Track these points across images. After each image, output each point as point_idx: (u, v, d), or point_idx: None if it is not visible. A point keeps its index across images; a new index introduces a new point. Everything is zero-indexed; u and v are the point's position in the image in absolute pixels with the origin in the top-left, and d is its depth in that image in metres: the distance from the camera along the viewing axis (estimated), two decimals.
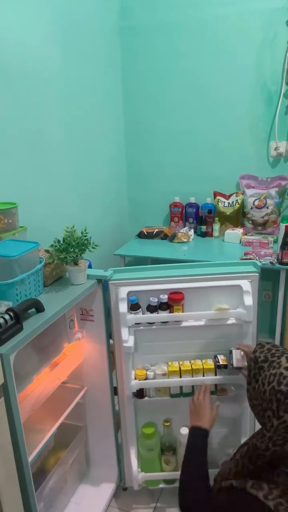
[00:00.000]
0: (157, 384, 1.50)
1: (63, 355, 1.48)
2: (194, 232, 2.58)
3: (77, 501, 1.65)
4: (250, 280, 1.42)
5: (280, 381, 0.81)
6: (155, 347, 1.54)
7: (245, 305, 1.40)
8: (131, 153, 2.76)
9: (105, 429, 1.66)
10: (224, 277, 1.42)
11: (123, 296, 1.41)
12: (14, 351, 1.00)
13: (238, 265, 1.51)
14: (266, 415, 0.83)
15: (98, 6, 2.25)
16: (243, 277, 1.43)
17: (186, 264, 1.53)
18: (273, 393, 0.81)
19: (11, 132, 1.59)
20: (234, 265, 1.50)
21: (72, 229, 1.36)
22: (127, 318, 1.43)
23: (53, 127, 1.89)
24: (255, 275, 1.43)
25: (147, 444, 1.63)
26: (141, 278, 1.45)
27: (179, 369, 1.48)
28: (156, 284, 1.44)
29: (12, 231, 1.39)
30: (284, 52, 2.23)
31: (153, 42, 2.49)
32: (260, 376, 0.86)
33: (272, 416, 0.81)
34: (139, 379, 1.49)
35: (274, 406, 0.81)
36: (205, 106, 2.49)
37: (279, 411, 0.80)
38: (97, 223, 2.43)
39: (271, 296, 2.67)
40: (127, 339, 1.41)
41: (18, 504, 1.10)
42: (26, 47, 1.64)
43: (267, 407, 0.83)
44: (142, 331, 1.49)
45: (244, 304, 1.40)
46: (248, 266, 1.49)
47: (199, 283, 1.42)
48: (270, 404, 0.82)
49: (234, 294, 1.45)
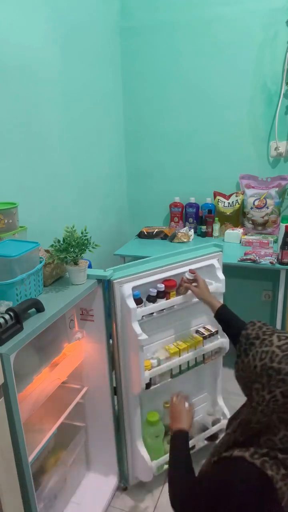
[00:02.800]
0: (164, 368, 1.58)
1: (63, 355, 1.48)
2: (194, 232, 2.58)
3: (77, 501, 1.65)
4: (217, 259, 1.73)
5: (273, 359, 0.87)
6: (153, 336, 1.64)
7: (220, 279, 1.67)
8: (131, 153, 2.76)
9: (105, 429, 1.66)
10: (200, 259, 1.67)
11: (129, 292, 1.45)
12: (14, 351, 1.00)
13: (204, 249, 1.77)
14: (254, 387, 0.89)
15: (98, 6, 2.25)
16: (212, 257, 1.72)
17: (168, 254, 1.67)
18: (265, 368, 0.87)
19: (11, 132, 1.59)
20: (202, 249, 1.76)
21: (72, 229, 1.36)
22: (138, 313, 1.46)
23: (53, 127, 1.89)
24: (219, 253, 1.75)
25: (152, 431, 1.66)
26: (140, 272, 1.51)
27: (178, 349, 1.62)
28: (152, 275, 1.54)
29: (12, 231, 1.39)
30: (284, 52, 2.24)
31: (153, 42, 2.49)
32: (250, 352, 0.92)
33: (262, 389, 0.87)
34: (146, 369, 1.53)
35: (264, 380, 0.87)
36: (205, 106, 2.49)
37: (270, 385, 0.86)
38: (97, 223, 2.43)
39: (271, 296, 2.67)
40: (141, 333, 1.45)
41: (18, 504, 1.10)
42: (26, 47, 1.64)
43: (256, 380, 0.89)
44: (144, 323, 1.54)
45: (219, 278, 1.68)
46: (212, 248, 1.78)
47: (184, 268, 1.61)
48: (260, 378, 0.88)
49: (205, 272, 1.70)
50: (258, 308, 2.70)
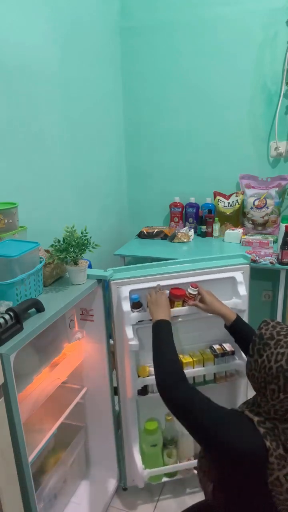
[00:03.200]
0: None
1: (63, 355, 1.48)
2: (194, 232, 2.58)
3: (77, 501, 1.65)
4: (242, 272, 1.54)
5: None
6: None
7: (240, 295, 1.49)
8: (131, 153, 2.76)
9: (105, 429, 1.66)
10: (220, 270, 1.52)
11: (125, 295, 1.43)
12: (14, 351, 1.00)
13: (229, 259, 1.59)
14: (269, 388, 0.90)
15: (98, 6, 2.25)
16: (236, 269, 1.54)
17: (183, 260, 1.57)
18: (281, 371, 0.88)
19: (11, 132, 1.59)
20: (226, 259, 1.59)
21: (72, 229, 1.36)
22: (131, 316, 1.44)
23: (53, 127, 1.89)
24: (246, 266, 1.55)
25: (150, 439, 1.64)
26: (141, 276, 1.47)
27: (180, 362, 1.51)
28: (156, 281, 1.46)
29: (12, 231, 1.39)
30: (284, 52, 2.24)
31: (153, 42, 2.49)
32: (265, 352, 0.91)
33: (278, 390, 0.88)
34: (142, 376, 1.51)
35: (281, 383, 0.88)
36: (205, 106, 2.49)
37: (286, 387, 0.87)
38: (97, 223, 2.43)
39: (271, 296, 2.67)
40: (132, 337, 1.42)
41: (18, 504, 1.10)
42: (26, 47, 1.64)
43: (272, 381, 0.89)
44: (143, 329, 1.51)
45: (239, 294, 1.49)
46: (239, 258, 1.59)
47: (196, 277, 1.48)
48: (276, 379, 0.88)
49: (227, 285, 1.55)
50: (258, 308, 2.70)
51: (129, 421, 1.60)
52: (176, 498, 1.72)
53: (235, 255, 1.62)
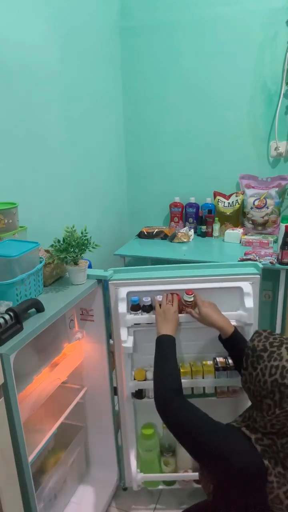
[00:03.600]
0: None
1: (63, 355, 1.48)
2: (194, 232, 2.58)
3: (77, 501, 1.65)
4: (251, 282, 1.39)
5: (284, 375, 0.84)
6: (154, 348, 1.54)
7: (246, 307, 1.37)
8: (131, 153, 2.76)
9: (105, 429, 1.66)
10: (225, 278, 1.40)
11: (122, 296, 1.41)
12: (14, 351, 1.00)
13: (238, 267, 1.48)
14: (265, 402, 0.87)
15: (98, 6, 2.25)
16: (244, 279, 1.40)
17: (187, 265, 1.51)
18: (276, 385, 0.84)
19: (11, 132, 1.59)
20: (235, 267, 1.48)
21: (72, 229, 1.36)
22: (126, 319, 1.42)
23: (53, 127, 1.89)
24: (256, 277, 1.40)
25: (146, 444, 1.63)
26: (141, 279, 1.44)
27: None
28: (156, 285, 1.42)
29: (12, 231, 1.39)
30: (284, 52, 2.24)
31: (153, 42, 2.49)
32: (259, 365, 0.89)
33: (274, 406, 0.85)
34: (138, 379, 1.49)
35: (277, 397, 0.85)
36: (205, 106, 2.49)
37: (282, 402, 0.84)
38: (97, 223, 2.43)
39: (271, 296, 2.67)
40: (126, 339, 1.41)
41: (18, 504, 1.10)
42: (26, 47, 1.64)
43: (267, 395, 0.86)
44: (141, 332, 1.49)
45: (245, 306, 1.37)
46: (250, 268, 1.46)
47: (199, 284, 1.40)
48: (271, 394, 0.85)
49: (235, 295, 1.42)
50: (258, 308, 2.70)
51: (126, 422, 1.59)
52: (176, 498, 1.72)
53: (246, 263, 1.51)
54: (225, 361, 1.47)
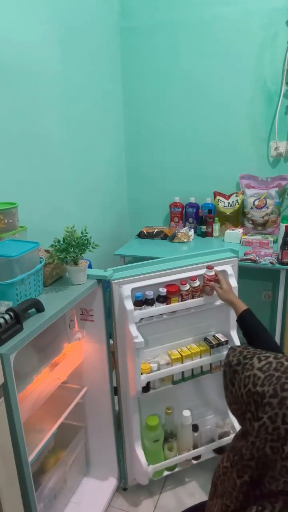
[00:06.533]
0: (164, 374, 1.55)
1: (63, 355, 1.48)
2: (194, 232, 2.58)
3: (77, 501, 1.65)
4: (231, 265, 1.63)
5: (255, 382, 0.80)
6: (155, 340, 1.62)
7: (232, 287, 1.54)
8: (131, 153, 2.76)
9: (105, 429, 1.66)
10: (214, 264, 1.58)
11: (127, 293, 1.44)
12: (14, 351, 1.00)
13: (219, 253, 1.69)
14: (247, 418, 0.81)
15: (98, 6, 2.25)
16: (226, 262, 1.63)
17: (180, 256, 1.63)
18: (250, 395, 0.80)
19: (11, 132, 1.59)
20: (215, 253, 1.68)
21: (72, 229, 1.36)
22: (135, 315, 1.45)
23: (53, 127, 1.89)
24: (235, 259, 1.66)
25: (152, 435, 1.64)
26: (141, 274, 1.49)
27: (180, 355, 1.58)
28: (155, 278, 1.51)
29: (12, 231, 1.39)
30: (284, 52, 2.24)
31: (153, 42, 2.49)
32: (235, 380, 0.85)
33: (252, 419, 0.79)
34: (145, 373, 1.52)
35: (253, 408, 0.79)
36: (205, 106, 2.49)
37: (258, 412, 0.78)
38: (97, 223, 2.43)
39: (271, 296, 2.67)
40: (137, 335, 1.43)
41: (18, 504, 1.10)
42: (26, 47, 1.64)
43: (246, 409, 0.81)
44: (143, 326, 1.53)
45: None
46: (227, 252, 1.69)
47: (193, 272, 1.55)
48: (248, 406, 0.80)
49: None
50: (258, 308, 2.68)
51: (131, 420, 1.60)
52: (176, 498, 1.72)
53: (223, 249, 1.71)
54: (216, 338, 1.65)
